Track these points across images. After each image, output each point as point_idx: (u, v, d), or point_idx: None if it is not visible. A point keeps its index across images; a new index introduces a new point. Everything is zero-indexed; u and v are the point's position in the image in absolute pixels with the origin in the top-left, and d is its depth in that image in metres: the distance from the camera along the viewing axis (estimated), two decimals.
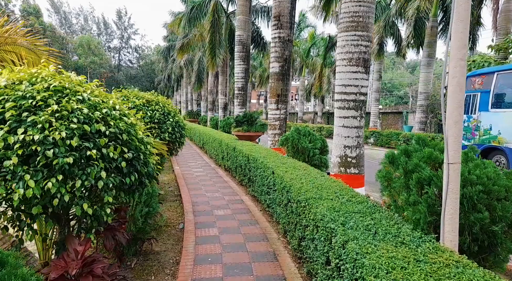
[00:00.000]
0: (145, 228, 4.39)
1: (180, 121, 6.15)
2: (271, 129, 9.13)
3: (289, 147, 6.96)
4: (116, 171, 2.64)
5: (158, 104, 5.86)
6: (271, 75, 9.07)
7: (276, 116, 8.99)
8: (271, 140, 9.18)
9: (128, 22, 71.96)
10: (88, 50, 54.33)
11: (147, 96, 5.95)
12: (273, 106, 9.02)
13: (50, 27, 50.19)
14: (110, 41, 72.37)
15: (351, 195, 3.67)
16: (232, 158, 9.15)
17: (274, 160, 6.12)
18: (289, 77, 9.06)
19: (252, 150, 7.79)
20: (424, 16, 17.95)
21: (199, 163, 12.26)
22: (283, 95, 8.95)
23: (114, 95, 5.80)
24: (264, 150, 7.82)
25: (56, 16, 66.23)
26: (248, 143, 9.24)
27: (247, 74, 13.06)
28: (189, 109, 34.33)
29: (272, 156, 6.64)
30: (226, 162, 10.18)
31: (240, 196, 7.44)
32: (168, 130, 5.73)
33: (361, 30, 4.97)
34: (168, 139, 5.74)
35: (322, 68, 29.36)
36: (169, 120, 5.81)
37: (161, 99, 6.24)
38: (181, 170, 10.89)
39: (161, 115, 5.79)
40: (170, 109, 6.07)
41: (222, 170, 10.71)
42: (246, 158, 7.54)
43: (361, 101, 5.20)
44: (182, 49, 20.02)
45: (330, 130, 26.30)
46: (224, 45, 16.04)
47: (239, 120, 10.83)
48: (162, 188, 8.76)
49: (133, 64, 73.71)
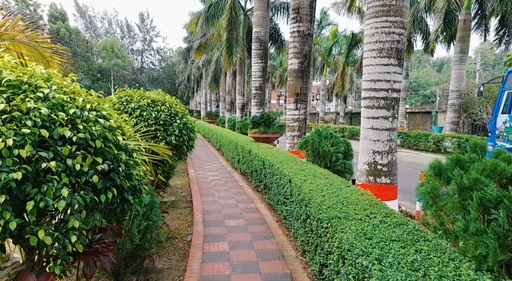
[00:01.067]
0: (143, 245, 3.88)
1: (189, 123, 5.62)
2: (290, 131, 8.46)
3: (309, 150, 6.29)
4: (87, 188, 2.10)
5: (164, 104, 5.36)
6: (289, 72, 8.41)
7: (295, 116, 8.32)
8: (289, 143, 8.52)
9: (150, 25, 73.27)
10: (111, 53, 55.56)
11: (152, 96, 5.47)
12: (292, 106, 8.35)
13: (75, 31, 51.69)
14: (133, 43, 73.91)
15: (384, 214, 2.98)
16: (248, 162, 8.57)
17: (291, 166, 5.47)
18: (309, 75, 8.37)
19: (268, 153, 7.16)
20: (455, 9, 16.66)
21: (214, 166, 11.77)
22: (302, 93, 8.27)
23: (119, 95, 5.38)
24: (281, 154, 7.18)
25: (82, 21, 68.36)
26: (265, 146, 8.63)
27: (265, 72, 12.45)
28: (208, 110, 34.14)
29: (289, 161, 5.99)
30: (241, 165, 9.61)
31: (255, 204, 6.84)
32: (175, 133, 5.21)
33: (394, 15, 4.24)
34: (174, 143, 5.22)
35: (344, 66, 28.28)
36: (176, 122, 5.29)
37: (169, 99, 5.74)
38: (195, 173, 10.43)
39: (167, 116, 5.28)
40: (177, 110, 5.55)
41: (238, 173, 10.16)
42: (261, 163, 6.93)
43: (394, 99, 4.46)
44: (200, 49, 19.68)
45: (353, 131, 25.20)
46: (241, 43, 15.50)
47: (255, 121, 10.23)
48: (174, 193, 8.31)
49: (155, 66, 74.90)
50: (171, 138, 5.13)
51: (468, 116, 20.05)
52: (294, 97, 8.28)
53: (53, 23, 47.92)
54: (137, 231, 3.74)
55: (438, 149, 17.11)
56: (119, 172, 2.25)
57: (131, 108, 5.05)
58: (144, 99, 5.33)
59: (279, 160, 6.11)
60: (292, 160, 6.17)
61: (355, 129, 25.01)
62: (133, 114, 5.01)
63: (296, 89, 8.24)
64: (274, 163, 5.93)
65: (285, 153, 7.24)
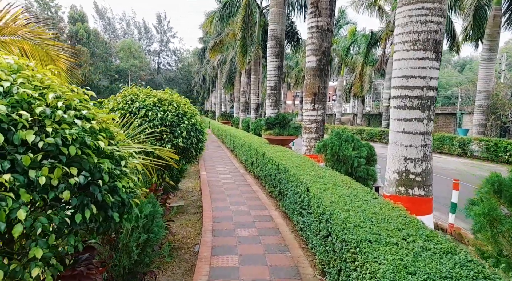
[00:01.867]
0: (143, 260, 3.47)
1: (198, 124, 5.20)
2: (307, 133, 7.95)
3: (328, 155, 5.77)
4: (58, 205, 1.69)
5: (171, 104, 4.97)
6: (307, 70, 7.89)
7: (312, 117, 7.80)
8: (306, 145, 8.00)
9: (167, 26, 73.96)
10: (129, 54, 56.30)
11: (159, 95, 5.09)
12: (309, 106, 7.83)
13: (94, 32, 52.63)
14: (150, 44, 74.81)
15: (425, 236, 2.45)
16: (261, 165, 8.10)
17: (309, 172, 4.97)
18: (327, 73, 7.84)
19: (283, 157, 6.68)
20: (486, 4, 15.68)
21: (227, 168, 11.37)
22: (320, 93, 7.74)
23: (124, 93, 5.03)
24: (298, 157, 6.68)
25: (101, 22, 69.70)
26: (280, 149, 8.15)
27: (280, 71, 11.95)
28: (222, 111, 33.86)
29: (306, 166, 5.49)
30: (255, 169, 9.15)
31: (269, 211, 6.37)
32: (183, 135, 4.81)
33: (432, 1, 3.67)
34: (182, 145, 4.82)
35: (363, 66, 27.41)
36: (184, 123, 4.89)
37: (177, 98, 5.35)
38: (207, 176, 10.05)
39: (174, 117, 4.88)
40: (186, 110, 5.15)
41: (252, 177, 9.71)
42: (276, 167, 6.46)
43: (429, 98, 3.87)
44: (214, 48, 19.36)
45: (371, 133, 24.35)
46: (256, 42, 15.04)
47: (270, 122, 9.75)
48: (185, 196, 7.94)
49: (172, 66, 75.53)
50: (178, 140, 4.73)
51: (497, 118, 18.89)
52: (311, 97, 7.76)
53: (72, 25, 48.94)
54: (136, 245, 3.34)
55: (464, 152, 16.15)
56: (99, 185, 1.82)
57: (136, 107, 4.68)
58: (150, 98, 4.96)
59: (295, 165, 5.62)
60: (310, 165, 5.67)
61: (374, 131, 24.16)
62: (138, 114, 4.64)
63: (313, 88, 7.72)
64: (289, 168, 5.44)
65: (302, 157, 6.74)
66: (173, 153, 4.30)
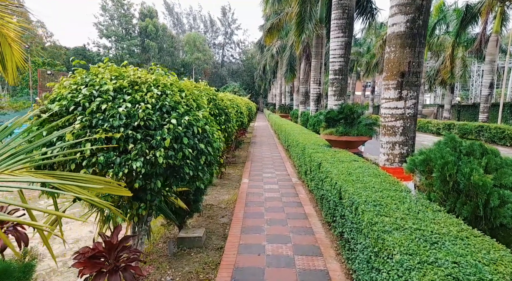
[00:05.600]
0: None
1: (198, 124, 3.03)
2: (387, 135, 5.26)
3: (436, 180, 3.14)
4: None
5: (152, 89, 2.88)
6: (390, 39, 5.16)
7: (398, 111, 5.08)
8: (385, 153, 5.32)
9: (231, 18, 73.63)
10: (193, 47, 57.11)
11: (137, 74, 3.04)
12: (392, 93, 5.13)
13: (162, 27, 54.35)
14: (215, 38, 75.44)
15: None
16: (316, 180, 5.68)
17: (402, 220, 2.48)
18: (424, 42, 5.01)
19: (349, 175, 4.19)
20: None
21: (277, 174, 9.12)
22: (411, 73, 4.97)
23: (78, 75, 2.98)
24: (374, 177, 4.13)
25: (170, 18, 72.30)
26: (344, 156, 5.61)
27: (347, 50, 9.16)
28: (282, 103, 31.49)
29: (392, 200, 2.97)
30: (309, 181, 6.75)
31: (325, 260, 3.99)
32: (163, 146, 2.69)
33: None
34: (162, 162, 2.70)
35: (453, 48, 22.41)
36: (171, 123, 2.77)
37: (171, 80, 3.25)
38: (249, 185, 7.95)
39: (154, 112, 2.79)
40: (178, 99, 3.01)
41: (305, 189, 7.32)
42: (336, 193, 4.01)
43: None
44: (271, 31, 17.03)
45: (464, 128, 19.70)
46: (317, 18, 12.28)
47: (331, 117, 7.19)
48: (213, 218, 5.93)
49: (236, 59, 75.30)
50: (157, 154, 2.62)
51: None
52: (396, 80, 5.04)
53: (142, 21, 51.05)
54: None
55: None
56: None
57: (85, 96, 2.70)
58: (118, 79, 2.94)
59: (371, 197, 3.13)
60: (399, 197, 3.12)
61: (468, 126, 19.43)
62: (88, 107, 2.65)
63: (400, 65, 4.98)
64: (360, 204, 2.98)
65: (380, 176, 4.15)
66: (124, 188, 2.24)
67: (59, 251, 5.03)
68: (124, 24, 51.11)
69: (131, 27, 52.02)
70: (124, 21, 50.85)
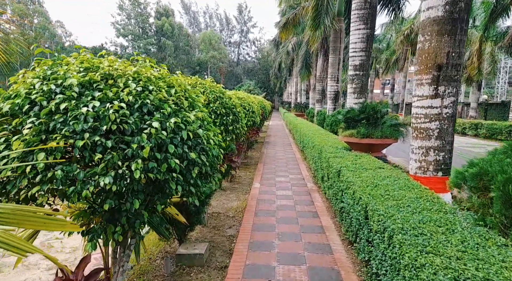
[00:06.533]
0: None
1: (194, 129, 2.43)
2: (420, 138, 4.51)
3: (496, 200, 2.42)
4: None
5: (130, 84, 2.29)
6: (424, 25, 4.40)
7: (433, 110, 4.32)
8: (417, 160, 4.56)
9: (247, 16, 72.97)
10: (209, 46, 56.85)
11: (114, 65, 2.46)
12: (426, 90, 4.37)
13: (178, 26, 54.34)
14: (231, 36, 75.01)
15: None
16: (335, 189, 4.99)
17: (452, 255, 1.79)
18: (466, 28, 4.24)
19: (376, 184, 3.49)
20: None
21: (291, 178, 8.45)
22: (451, 66, 4.21)
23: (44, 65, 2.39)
24: (406, 187, 3.42)
25: (186, 17, 72.38)
26: (367, 162, 4.90)
27: (369, 43, 8.37)
28: (298, 101, 30.63)
29: (436, 227, 2.28)
30: (326, 189, 6.07)
31: None
32: (141, 156, 2.09)
33: None
34: (139, 177, 2.11)
35: (481, 42, 21.02)
36: (152, 126, 2.17)
37: (158, 74, 2.66)
38: (260, 190, 7.32)
39: (132, 112, 2.20)
40: (164, 97, 2.42)
41: (322, 197, 6.63)
42: (361, 209, 3.32)
43: None
44: (287, 27, 16.30)
45: (493, 128, 18.38)
46: (332, 10, 11.45)
47: (351, 117, 6.46)
48: (219, 228, 5.33)
49: (251, 57, 74.68)
50: (133, 166, 2.03)
51: None
52: (431, 73, 4.28)
53: (158, 20, 51.16)
54: None
55: None
56: None
57: (44, 92, 2.14)
58: (90, 71, 2.37)
59: (408, 221, 2.44)
60: (446, 221, 2.42)
61: (497, 126, 18.09)
62: (46, 107, 2.09)
63: (437, 56, 4.22)
64: (396, 232, 2.30)
65: (415, 189, 3.43)
66: None
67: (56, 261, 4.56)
68: (140, 23, 51.39)
69: (147, 26, 52.25)
70: (141, 20, 51.12)
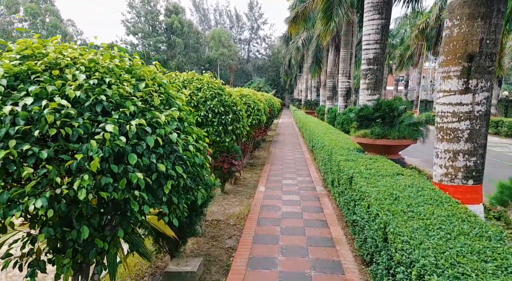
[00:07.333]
0: None
1: (166, 133, 1.90)
2: (446, 140, 3.88)
3: None
4: None
5: (78, 75, 1.78)
6: (453, 8, 3.76)
7: (463, 108, 3.69)
8: (442, 165, 3.94)
9: (258, 12, 72.18)
10: (218, 43, 56.41)
11: (64, 51, 1.95)
12: (454, 84, 3.75)
13: (188, 23, 54.03)
14: (241, 33, 74.36)
15: None
16: (347, 198, 4.42)
17: None
18: (504, 9, 3.58)
19: (396, 196, 2.91)
20: None
21: (298, 181, 7.88)
22: (484, 55, 3.57)
23: None
24: (433, 200, 2.83)
25: (197, 14, 72.05)
26: (384, 167, 4.29)
27: (384, 35, 7.68)
28: (308, 98, 29.85)
29: (480, 262, 1.68)
30: (337, 196, 5.49)
31: None
32: (89, 170, 1.58)
33: None
34: (71, 212, 1.59)
35: (502, 35, 19.87)
36: (107, 132, 1.64)
37: (123, 64, 2.14)
38: (265, 194, 6.79)
39: (73, 112, 1.68)
40: (127, 92, 1.89)
41: (332, 203, 6.05)
42: (379, 228, 2.75)
43: None
44: (296, 21, 15.63)
45: None
46: (345, 1, 10.75)
47: (365, 115, 5.84)
48: (217, 239, 4.82)
49: (261, 54, 73.95)
50: (76, 184, 1.52)
51: None
52: (461, 64, 3.65)
53: (167, 17, 50.97)
54: None
55: None
56: None
57: None
58: (30, 59, 1.86)
59: (443, 252, 1.86)
60: (492, 250, 1.83)
61: None
62: None
63: (468, 44, 3.59)
64: (429, 270, 1.73)
65: (444, 204, 2.83)
66: None
67: None
68: (150, 21, 51.30)
69: (157, 23, 52.12)
70: (151, 18, 51.01)
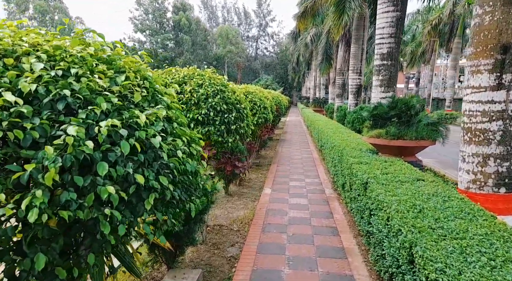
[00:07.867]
0: None
1: (148, 136, 1.56)
2: (475, 143, 3.46)
3: None
4: None
5: (33, 64, 1.44)
6: None
7: (494, 106, 3.27)
8: (470, 171, 3.51)
9: (267, 9, 71.57)
10: (226, 40, 56.08)
11: (19, 34, 1.62)
12: (484, 79, 3.32)
13: (196, 21, 53.83)
14: (248, 30, 73.90)
15: None
16: (360, 204, 4.02)
17: None
18: None
19: (420, 208, 2.50)
20: None
21: (306, 183, 7.49)
22: None
23: None
24: (464, 213, 2.42)
25: (205, 11, 71.80)
26: (401, 170, 3.89)
27: (399, 28, 7.20)
28: (317, 96, 29.32)
29: None
30: (348, 200, 5.09)
31: None
32: (44, 184, 1.24)
33: None
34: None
35: None
36: (69, 135, 1.30)
37: (99, 52, 1.80)
38: (271, 197, 6.43)
39: (24, 110, 1.35)
40: (100, 86, 1.55)
41: (342, 207, 5.66)
42: (402, 248, 2.35)
43: None
44: (305, 16, 15.17)
45: None
46: None
47: (379, 114, 5.42)
48: (218, 246, 4.49)
49: (269, 52, 73.41)
50: (24, 202, 1.18)
51: None
52: (493, 57, 3.22)
53: (175, 14, 50.80)
54: None
55: None
56: None
57: None
58: None
59: None
60: None
61: None
62: None
63: (502, 34, 3.16)
64: None
65: (478, 219, 2.43)
66: None
67: None
68: (158, 18, 51.22)
69: (165, 21, 52.03)
70: (158, 15, 50.92)
